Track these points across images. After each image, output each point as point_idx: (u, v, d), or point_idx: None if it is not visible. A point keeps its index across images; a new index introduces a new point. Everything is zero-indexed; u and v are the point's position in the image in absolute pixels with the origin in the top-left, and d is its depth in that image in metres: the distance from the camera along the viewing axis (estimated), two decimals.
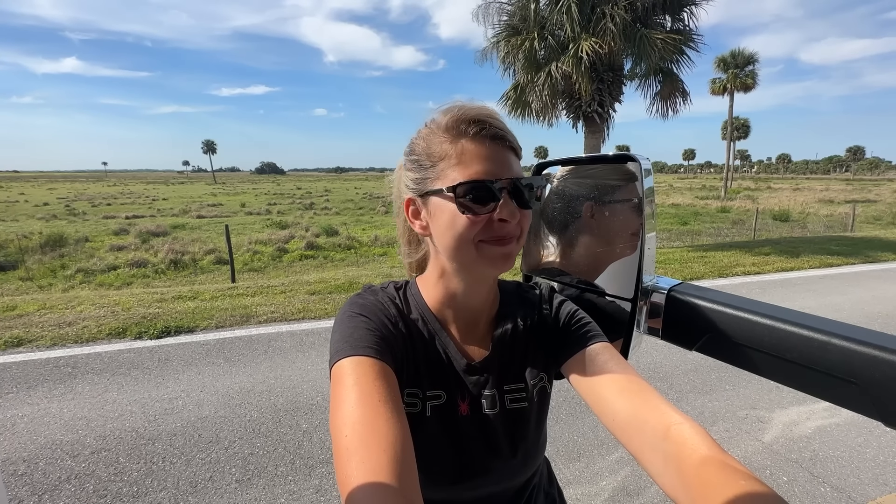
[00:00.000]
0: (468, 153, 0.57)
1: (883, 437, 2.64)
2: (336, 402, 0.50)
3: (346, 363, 0.54)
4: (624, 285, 0.68)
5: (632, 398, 0.54)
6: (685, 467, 0.45)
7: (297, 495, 2.18)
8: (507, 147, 0.59)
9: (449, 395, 0.65)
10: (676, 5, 8.80)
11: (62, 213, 23.31)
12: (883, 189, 40.53)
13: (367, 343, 0.56)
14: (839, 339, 0.45)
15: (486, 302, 0.68)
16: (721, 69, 33.28)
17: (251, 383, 3.27)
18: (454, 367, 0.66)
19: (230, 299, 5.32)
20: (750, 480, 0.41)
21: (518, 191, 0.58)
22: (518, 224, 0.59)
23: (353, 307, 0.62)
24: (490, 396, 0.66)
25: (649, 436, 0.50)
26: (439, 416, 0.64)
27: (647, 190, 0.63)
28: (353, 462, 0.44)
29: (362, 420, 0.47)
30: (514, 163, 0.59)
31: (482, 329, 0.69)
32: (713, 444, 0.46)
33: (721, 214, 19.34)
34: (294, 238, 13.17)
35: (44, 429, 2.72)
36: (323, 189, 50.98)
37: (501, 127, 0.59)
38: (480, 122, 0.57)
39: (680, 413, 0.51)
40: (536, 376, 0.68)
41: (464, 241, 0.58)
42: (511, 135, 0.60)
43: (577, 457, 2.48)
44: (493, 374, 0.67)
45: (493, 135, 0.57)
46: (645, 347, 3.74)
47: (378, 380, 0.52)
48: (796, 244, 9.13)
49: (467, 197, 0.56)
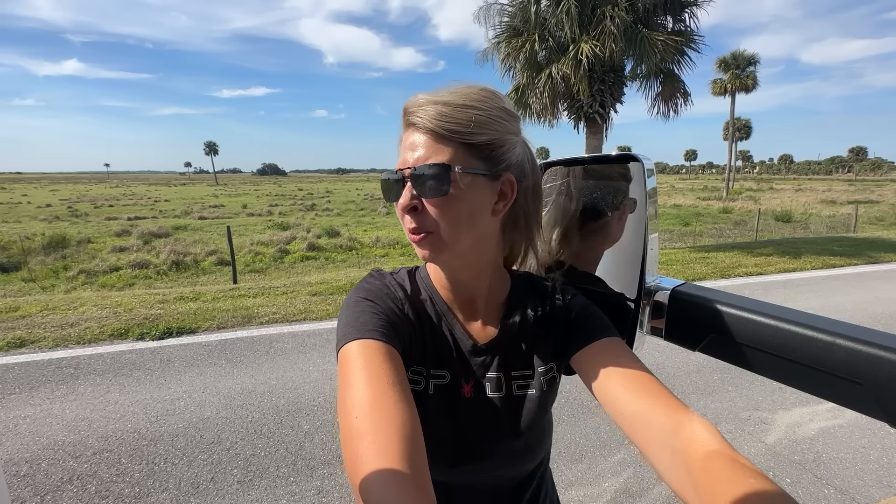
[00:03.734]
0: (401, 144, 0.59)
1: (887, 439, 2.62)
2: (344, 384, 0.50)
3: (353, 346, 0.53)
4: (627, 285, 0.68)
5: (641, 393, 0.53)
6: (693, 463, 0.44)
7: (299, 496, 2.18)
8: (425, 133, 0.56)
9: (453, 375, 0.64)
10: (678, 6, 8.80)
11: (64, 215, 23.39)
12: (886, 189, 40.41)
13: (373, 326, 0.56)
14: (844, 339, 0.45)
15: (482, 284, 0.67)
16: (722, 70, 33.31)
17: (253, 384, 3.27)
18: (460, 347, 0.66)
19: (232, 300, 5.33)
20: (760, 478, 0.40)
21: (416, 179, 0.55)
22: (426, 216, 0.56)
23: (359, 292, 0.62)
24: (495, 379, 0.65)
25: (658, 431, 0.49)
26: (441, 395, 0.63)
27: (649, 190, 0.63)
28: (364, 443, 0.43)
29: (372, 402, 0.47)
30: (430, 149, 0.55)
31: (490, 313, 0.69)
32: (723, 441, 0.45)
33: (723, 215, 19.30)
34: (295, 239, 13.18)
35: (46, 430, 2.72)
36: (324, 190, 51.08)
37: (425, 113, 0.55)
38: (407, 112, 0.58)
39: (689, 410, 0.50)
40: (546, 365, 0.67)
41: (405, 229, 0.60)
42: (441, 118, 0.55)
43: (579, 458, 2.47)
44: (500, 357, 0.66)
45: (414, 122, 0.57)
46: (648, 348, 3.72)
47: (386, 362, 0.52)
48: (798, 245, 9.10)
49: (389, 189, 0.59)
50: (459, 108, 0.55)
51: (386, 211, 23.38)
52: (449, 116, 0.55)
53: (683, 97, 9.63)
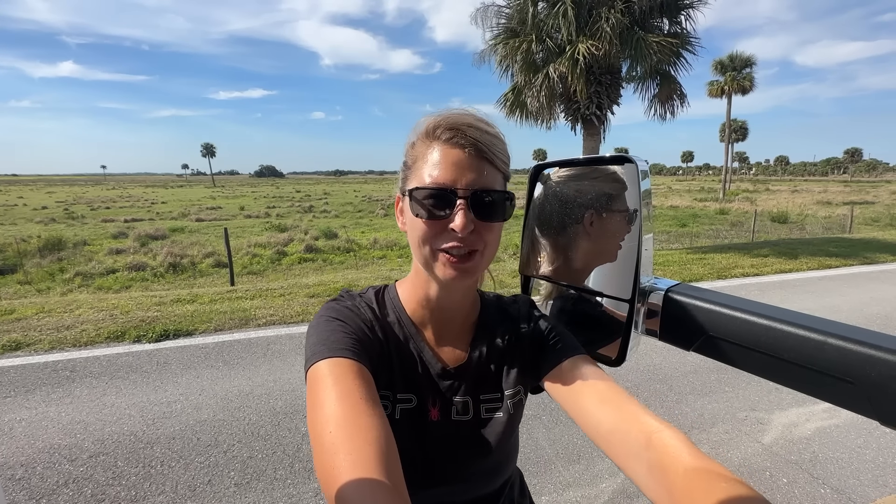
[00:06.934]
0: (436, 158, 0.57)
1: (882, 439, 2.64)
2: (315, 402, 0.50)
3: (323, 365, 0.54)
4: (621, 286, 0.68)
5: (612, 408, 0.55)
6: (669, 475, 0.45)
7: (297, 499, 2.17)
8: (479, 157, 0.57)
9: (420, 399, 0.65)
10: (674, 8, 8.85)
11: (61, 217, 23.27)
12: (881, 190, 40.65)
13: (343, 345, 0.56)
14: (836, 338, 0.45)
15: (462, 307, 0.68)
16: (719, 72, 33.47)
17: (250, 386, 3.26)
18: (429, 371, 0.66)
19: (229, 302, 5.31)
20: (734, 484, 0.41)
21: (480, 202, 0.56)
22: (477, 237, 0.57)
23: (329, 311, 0.63)
24: (463, 403, 0.66)
25: (632, 445, 0.50)
26: (408, 419, 0.64)
27: (644, 192, 0.63)
28: (339, 456, 0.43)
29: (346, 416, 0.47)
30: (485, 174, 0.57)
31: (460, 335, 0.69)
32: (694, 449, 0.47)
33: (719, 216, 19.36)
34: (293, 241, 13.15)
35: (42, 433, 2.71)
36: (322, 192, 51.00)
37: (478, 137, 0.57)
38: (456, 129, 0.57)
39: (660, 420, 0.52)
40: (513, 387, 0.68)
41: (418, 245, 0.59)
42: (491, 146, 0.58)
43: (577, 459, 2.47)
44: (468, 380, 0.67)
45: (465, 143, 0.56)
46: (644, 349, 3.74)
47: (357, 379, 0.52)
48: (795, 246, 9.15)
49: (425, 201, 0.57)
50: (498, 139, 0.60)
51: (384, 213, 23.35)
52: (498, 147, 0.59)
53: (680, 99, 9.68)
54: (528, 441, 2.61)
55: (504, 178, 0.61)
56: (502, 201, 0.59)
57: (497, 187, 0.59)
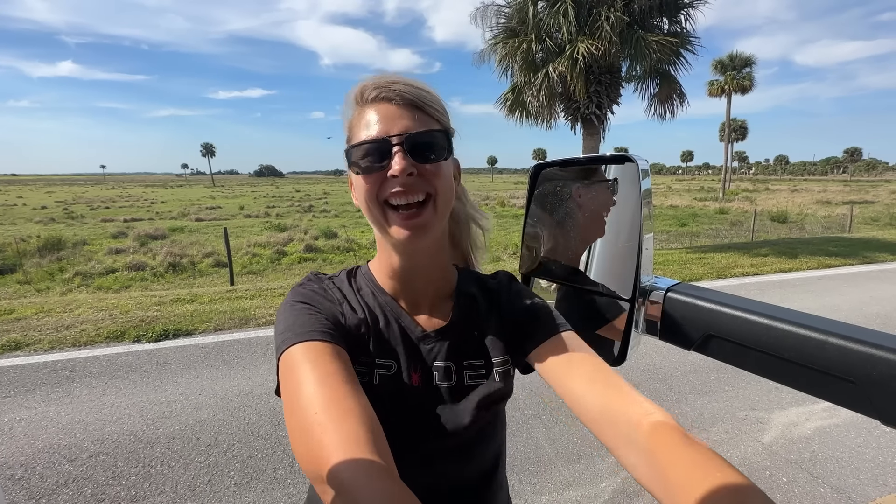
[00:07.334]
0: (368, 118, 0.58)
1: (882, 438, 2.64)
2: (294, 386, 0.49)
3: (296, 349, 0.52)
4: (622, 286, 0.68)
5: (603, 389, 0.53)
6: (660, 458, 0.44)
7: (297, 499, 2.18)
8: (409, 106, 0.57)
9: (399, 365, 0.62)
10: (673, 8, 8.85)
11: (60, 217, 23.26)
12: (880, 190, 40.68)
13: (313, 328, 0.55)
14: (836, 337, 0.45)
15: (429, 273, 0.66)
16: (719, 71, 33.49)
17: (250, 386, 3.26)
18: (408, 335, 0.64)
19: (229, 302, 5.31)
20: (726, 470, 0.40)
21: (415, 144, 0.55)
22: (423, 181, 0.56)
23: (294, 296, 0.62)
24: (444, 368, 0.63)
25: (623, 427, 0.49)
26: (387, 385, 0.61)
27: (644, 191, 0.63)
28: (327, 434, 0.43)
29: (330, 398, 0.46)
30: (417, 119, 0.57)
31: (438, 302, 0.68)
32: (686, 434, 0.46)
33: (719, 216, 19.37)
34: (293, 241, 13.15)
35: (41, 433, 2.70)
36: (322, 192, 50.97)
37: (404, 90, 0.57)
38: (381, 86, 0.57)
39: (652, 404, 0.50)
40: (502, 356, 0.65)
41: (367, 206, 0.58)
42: (420, 96, 0.57)
43: (576, 458, 2.47)
44: (450, 344, 0.65)
45: (391, 96, 0.57)
46: (643, 348, 3.74)
47: (334, 361, 0.51)
48: (794, 245, 9.15)
49: (364, 158, 0.57)
50: (427, 91, 0.59)
51: None
52: (426, 95, 0.58)
53: (680, 98, 9.68)
54: (528, 441, 2.61)
55: (441, 126, 0.60)
56: (442, 140, 0.58)
57: (437, 127, 0.58)
